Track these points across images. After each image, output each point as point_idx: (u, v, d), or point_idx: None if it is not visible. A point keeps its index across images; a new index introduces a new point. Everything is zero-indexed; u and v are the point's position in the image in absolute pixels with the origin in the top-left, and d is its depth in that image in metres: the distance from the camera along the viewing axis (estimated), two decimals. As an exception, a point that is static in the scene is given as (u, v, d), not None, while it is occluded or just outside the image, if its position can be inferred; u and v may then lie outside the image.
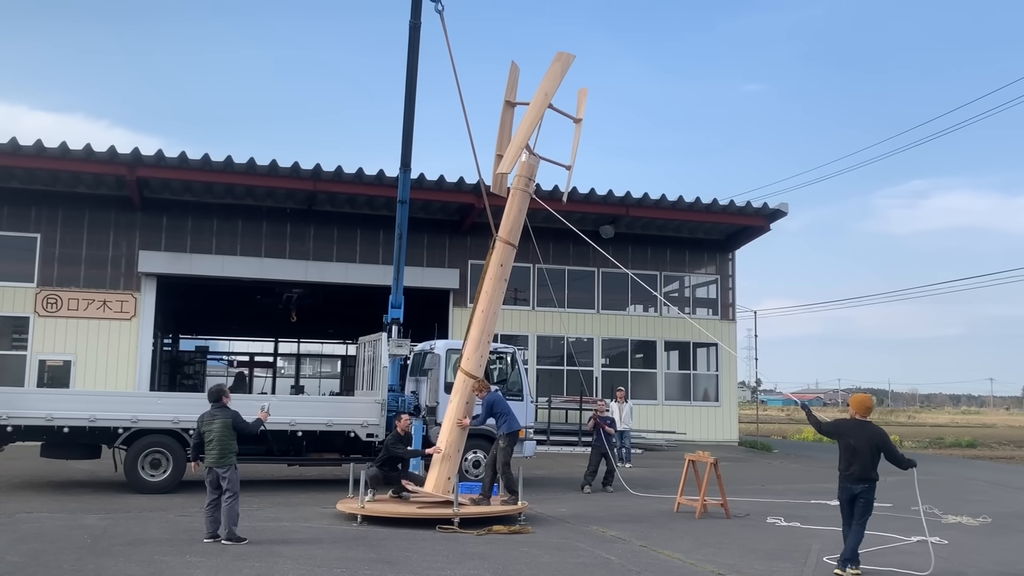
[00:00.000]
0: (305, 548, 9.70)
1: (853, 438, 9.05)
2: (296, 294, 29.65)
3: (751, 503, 14.38)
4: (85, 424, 13.73)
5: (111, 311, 23.76)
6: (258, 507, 12.42)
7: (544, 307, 27.28)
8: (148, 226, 24.32)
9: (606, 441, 16.27)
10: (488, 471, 12.86)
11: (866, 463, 8.96)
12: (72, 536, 10.03)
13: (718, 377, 28.85)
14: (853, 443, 9.02)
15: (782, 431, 46.32)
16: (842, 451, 9.14)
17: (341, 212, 25.83)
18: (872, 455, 8.97)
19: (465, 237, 26.33)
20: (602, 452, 16.26)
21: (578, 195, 25.44)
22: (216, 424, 9.99)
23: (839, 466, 9.20)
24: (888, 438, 9.23)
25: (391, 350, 15.51)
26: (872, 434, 9.05)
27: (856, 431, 9.11)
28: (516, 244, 12.87)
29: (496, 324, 13.14)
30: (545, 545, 10.31)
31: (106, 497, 13.24)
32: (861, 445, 8.97)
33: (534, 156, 13.06)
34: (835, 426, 9.38)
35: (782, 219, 27.88)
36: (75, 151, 22.24)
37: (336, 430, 14.83)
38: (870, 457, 8.96)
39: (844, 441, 9.12)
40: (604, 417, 16.90)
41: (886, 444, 9.07)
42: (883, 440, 9.07)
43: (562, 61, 13.30)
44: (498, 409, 12.59)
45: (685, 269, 29.24)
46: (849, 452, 9.04)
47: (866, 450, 8.95)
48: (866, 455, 8.95)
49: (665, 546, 10.47)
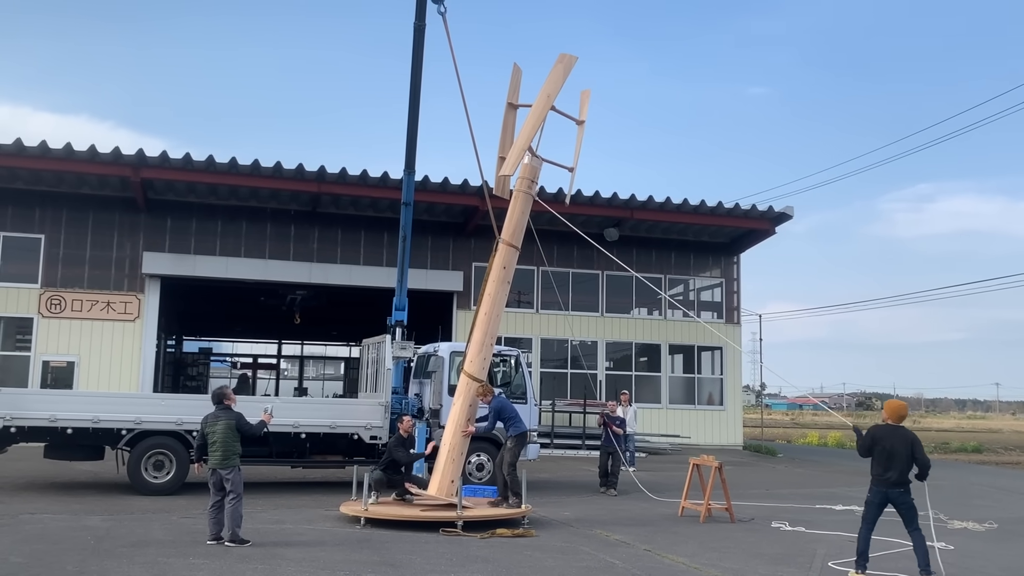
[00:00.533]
0: (308, 550, 9.68)
1: (890, 442, 9.10)
2: (300, 296, 29.65)
3: (756, 507, 14.33)
4: (88, 425, 13.72)
5: (115, 312, 23.77)
6: (261, 509, 12.41)
7: (548, 310, 27.25)
8: (152, 227, 24.34)
9: (614, 441, 16.28)
10: (500, 473, 12.82)
11: (903, 467, 9.04)
12: (75, 537, 10.02)
13: (723, 381, 28.79)
14: (889, 447, 9.07)
15: (787, 435, 46.17)
16: (877, 455, 9.17)
17: (345, 214, 25.84)
18: (908, 459, 9.04)
19: (469, 239, 26.31)
20: (609, 451, 16.28)
21: (582, 198, 25.45)
22: (220, 425, 9.98)
23: (873, 470, 9.24)
24: (920, 442, 9.27)
25: (395, 352, 15.49)
26: (907, 437, 9.12)
27: (892, 435, 9.17)
28: (519, 246, 12.85)
29: (499, 327, 13.12)
30: (549, 549, 10.27)
31: (109, 498, 13.23)
32: (898, 449, 9.03)
33: (537, 158, 13.05)
34: (872, 437, 9.33)
35: (787, 222, 27.85)
36: (79, 152, 22.28)
37: (339, 432, 14.80)
38: (906, 461, 9.04)
39: (880, 446, 9.14)
40: (612, 417, 16.89)
41: (918, 447, 9.13)
42: (916, 443, 9.14)
43: (564, 63, 13.29)
44: (506, 414, 12.59)
45: (690, 272, 29.21)
46: (885, 456, 9.09)
47: (903, 454, 9.02)
48: (903, 459, 9.02)
49: (669, 550, 10.43)
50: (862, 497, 16.06)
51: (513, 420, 12.57)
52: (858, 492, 17.28)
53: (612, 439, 16.31)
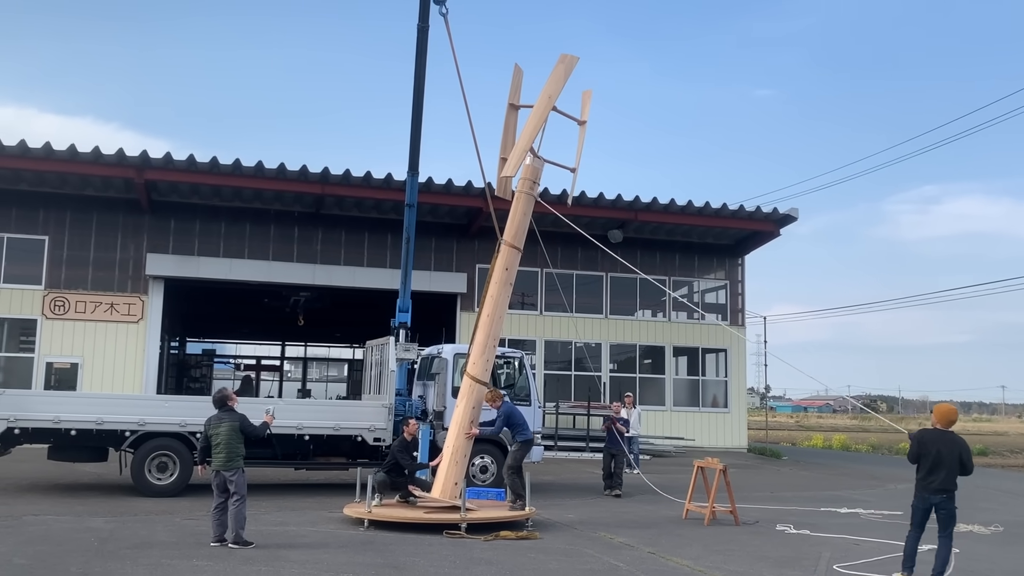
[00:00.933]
0: (312, 552, 9.66)
1: (938, 448, 8.93)
2: (303, 297, 29.64)
3: (760, 510, 14.27)
4: (92, 427, 13.71)
5: (118, 314, 23.78)
6: (265, 511, 12.37)
7: (552, 312, 27.23)
8: (156, 229, 24.36)
9: (620, 441, 16.26)
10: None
11: (949, 474, 8.89)
12: (79, 539, 10.00)
13: (727, 383, 28.71)
14: (937, 453, 8.90)
15: (791, 438, 46.12)
16: (923, 460, 9.01)
17: (349, 216, 25.84)
18: (955, 466, 8.89)
19: (473, 241, 26.29)
20: (612, 453, 16.29)
21: (586, 199, 25.43)
22: (223, 427, 9.97)
23: (917, 474, 9.09)
24: (969, 449, 9.14)
25: (398, 354, 15.45)
26: (956, 444, 8.97)
27: (941, 441, 9.00)
28: (521, 248, 12.82)
29: (502, 328, 13.10)
30: (552, 551, 10.23)
31: (113, 500, 13.21)
32: (946, 455, 8.87)
33: (538, 159, 13.02)
34: (919, 442, 9.14)
35: (792, 224, 27.79)
36: (83, 154, 22.31)
37: (343, 434, 14.76)
38: (953, 467, 8.89)
39: (927, 450, 8.97)
40: (616, 418, 16.86)
41: (967, 453, 9.00)
42: (965, 449, 9.01)
43: (566, 63, 13.27)
44: (514, 420, 12.66)
45: (694, 274, 29.16)
46: (931, 461, 8.92)
47: (950, 461, 8.87)
48: (950, 466, 8.87)
49: (673, 553, 10.38)
50: (867, 500, 16.22)
51: (521, 427, 12.62)
52: (863, 495, 17.30)
53: (617, 440, 16.28)
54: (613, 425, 16.39)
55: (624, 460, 16.48)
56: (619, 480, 16.22)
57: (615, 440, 16.29)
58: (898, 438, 47.94)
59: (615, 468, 16.26)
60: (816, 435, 45.74)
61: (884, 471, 24.35)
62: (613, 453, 16.31)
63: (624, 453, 16.48)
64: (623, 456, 16.41)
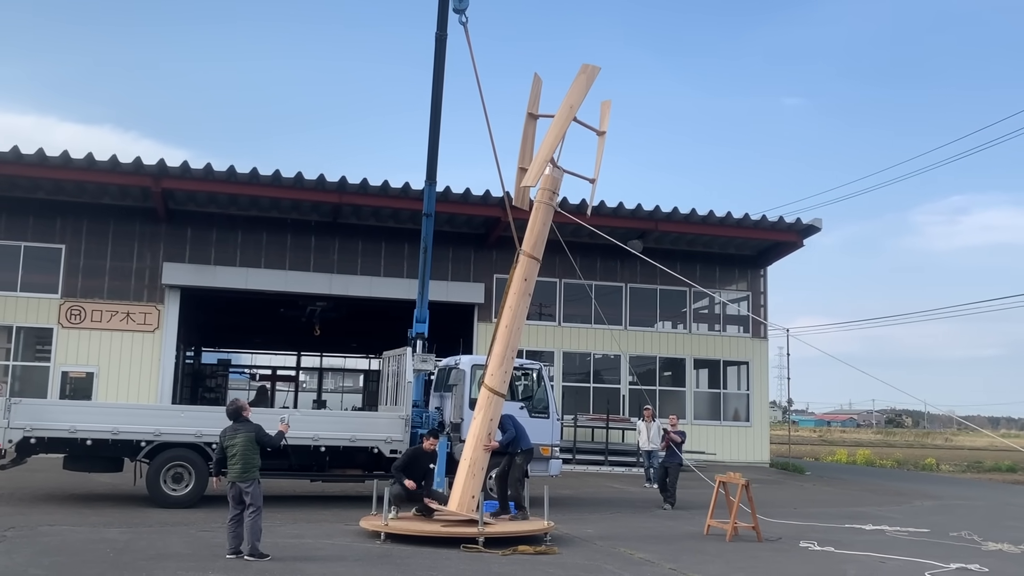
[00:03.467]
0: (328, 565, 9.56)
1: None
2: (320, 307, 29.59)
3: (783, 526, 14.07)
4: (108, 437, 13.66)
5: (134, 323, 23.79)
6: (280, 523, 12.29)
7: (570, 323, 27.04)
8: (173, 238, 24.38)
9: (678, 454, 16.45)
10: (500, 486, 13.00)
11: None
12: (94, 550, 9.94)
13: (749, 396, 28.37)
14: None
15: (814, 453, 45.63)
16: None
17: (366, 225, 25.79)
18: None
19: (491, 251, 26.18)
20: (666, 467, 16.54)
21: (606, 209, 25.26)
22: (239, 438, 9.92)
23: None
24: None
25: (416, 365, 15.35)
26: None
27: None
28: (540, 258, 12.77)
29: (520, 339, 13.05)
30: (571, 566, 10.09)
31: (128, 511, 13.15)
32: None
33: (558, 169, 12.95)
34: None
35: (817, 235, 27.48)
36: (101, 162, 22.36)
37: (359, 446, 14.66)
38: None
39: None
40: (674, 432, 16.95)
41: None
42: None
43: (587, 73, 13.21)
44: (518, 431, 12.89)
45: (716, 285, 28.83)
46: None
47: None
48: None
49: (695, 569, 10.22)
50: (893, 517, 15.94)
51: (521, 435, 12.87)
52: (888, 512, 17.02)
53: (674, 452, 16.46)
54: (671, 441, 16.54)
55: (678, 474, 16.54)
56: (672, 495, 16.35)
57: (672, 453, 16.47)
58: (923, 454, 47.43)
59: (669, 482, 16.39)
60: (840, 450, 45.23)
61: (910, 487, 24.00)
62: (667, 467, 16.50)
63: (679, 467, 16.57)
64: (677, 470, 16.51)
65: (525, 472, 12.92)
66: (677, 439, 16.60)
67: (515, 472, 12.65)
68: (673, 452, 16.44)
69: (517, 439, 12.75)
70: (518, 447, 12.77)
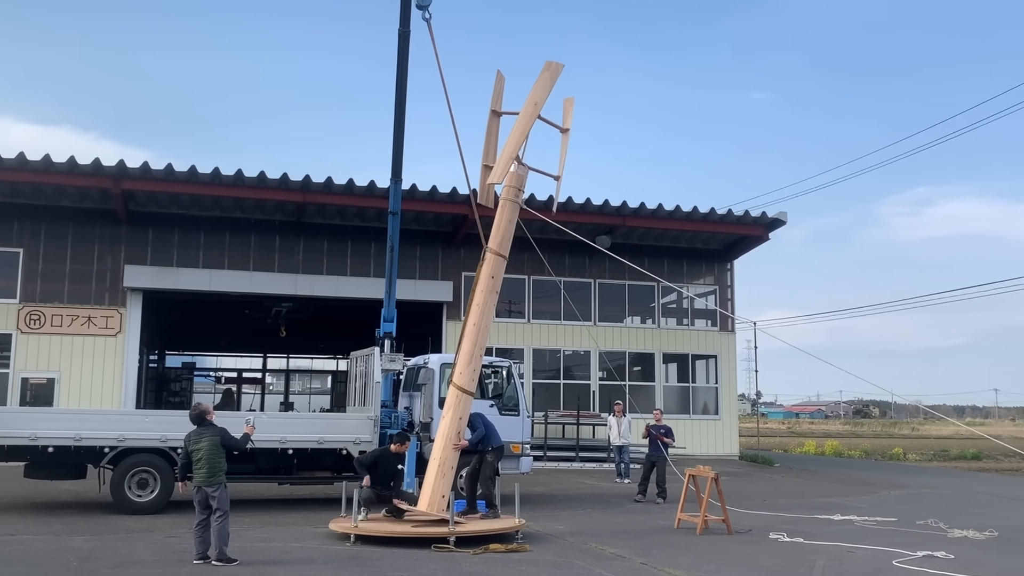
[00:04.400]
0: (297, 569, 9.47)
1: None
2: (285, 308, 29.33)
3: (753, 518, 14.15)
4: (70, 443, 13.43)
5: (96, 327, 23.37)
6: (248, 527, 12.16)
7: (540, 319, 27.04)
8: (134, 240, 23.97)
9: (662, 450, 16.54)
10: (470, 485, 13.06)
11: None
12: (58, 559, 9.76)
13: (717, 389, 28.55)
14: None
15: (783, 444, 46.08)
16: None
17: (331, 224, 25.57)
18: None
19: (458, 249, 26.07)
20: (652, 461, 16.60)
21: (574, 205, 25.30)
22: (204, 442, 9.81)
23: None
24: None
25: (384, 365, 15.24)
26: None
27: None
28: (507, 256, 12.76)
29: (489, 337, 13.02)
30: (543, 563, 10.07)
31: (92, 518, 12.92)
32: None
33: (523, 166, 12.94)
34: None
35: (784, 228, 27.74)
36: (59, 164, 21.91)
37: (327, 447, 14.54)
38: None
39: None
40: (658, 427, 17.05)
41: None
42: None
43: (551, 70, 13.21)
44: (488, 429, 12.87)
45: (684, 280, 28.96)
46: None
47: None
48: None
49: (666, 563, 10.23)
50: (861, 507, 16.12)
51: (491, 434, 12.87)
52: (857, 502, 17.21)
53: (660, 448, 16.54)
54: (659, 437, 16.65)
55: (666, 468, 16.59)
56: (663, 489, 16.43)
57: (658, 449, 16.56)
58: (890, 443, 48.12)
59: (657, 477, 16.49)
60: (808, 441, 45.70)
61: (877, 477, 24.31)
62: (654, 461, 16.57)
63: (666, 461, 16.62)
64: (664, 464, 16.57)
65: (496, 470, 12.91)
66: (667, 440, 16.75)
67: (486, 470, 12.69)
68: (658, 446, 16.59)
69: (488, 437, 12.76)
70: (488, 445, 12.78)
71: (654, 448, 16.72)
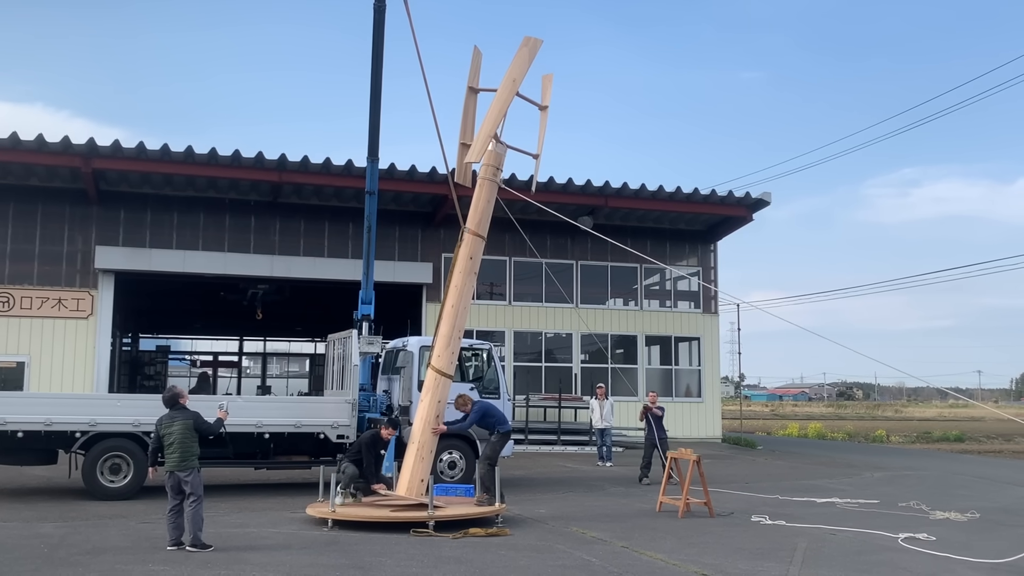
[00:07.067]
0: (274, 554, 9.34)
1: None
2: (262, 290, 28.98)
3: (735, 501, 14.13)
4: (40, 428, 13.20)
5: (67, 310, 22.95)
6: (224, 512, 11.99)
7: (521, 301, 26.86)
8: (105, 220, 23.55)
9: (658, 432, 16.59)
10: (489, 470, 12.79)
11: None
12: (28, 546, 9.58)
13: (700, 372, 28.55)
14: None
15: (766, 427, 46.39)
16: None
17: (308, 204, 25.22)
18: None
19: (438, 229, 25.80)
20: (653, 443, 16.60)
21: (555, 185, 25.08)
22: (176, 426, 9.64)
23: None
24: None
25: (362, 348, 15.08)
26: None
27: None
28: (485, 236, 12.63)
29: (468, 319, 12.92)
30: (523, 547, 10.00)
31: (63, 504, 12.70)
32: None
33: (501, 144, 12.77)
34: None
35: (769, 209, 27.83)
36: (27, 142, 21.41)
37: (305, 432, 14.35)
38: None
39: None
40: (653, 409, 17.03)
41: None
42: None
43: (530, 46, 13.06)
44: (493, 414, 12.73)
45: (667, 261, 28.79)
46: None
47: None
48: None
49: (647, 546, 10.18)
50: (843, 489, 16.13)
51: (501, 420, 12.79)
52: (839, 484, 17.25)
53: (662, 430, 16.61)
54: (649, 414, 16.75)
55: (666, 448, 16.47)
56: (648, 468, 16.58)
57: (661, 429, 16.67)
58: (873, 426, 48.50)
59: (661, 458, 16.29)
60: (792, 424, 46.04)
61: (860, 459, 24.43)
62: (654, 443, 16.61)
63: (666, 442, 16.62)
64: (666, 445, 16.53)
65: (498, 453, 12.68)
66: (659, 413, 16.88)
67: (487, 449, 12.56)
68: (660, 427, 16.71)
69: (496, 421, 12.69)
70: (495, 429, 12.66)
71: (658, 429, 16.75)
